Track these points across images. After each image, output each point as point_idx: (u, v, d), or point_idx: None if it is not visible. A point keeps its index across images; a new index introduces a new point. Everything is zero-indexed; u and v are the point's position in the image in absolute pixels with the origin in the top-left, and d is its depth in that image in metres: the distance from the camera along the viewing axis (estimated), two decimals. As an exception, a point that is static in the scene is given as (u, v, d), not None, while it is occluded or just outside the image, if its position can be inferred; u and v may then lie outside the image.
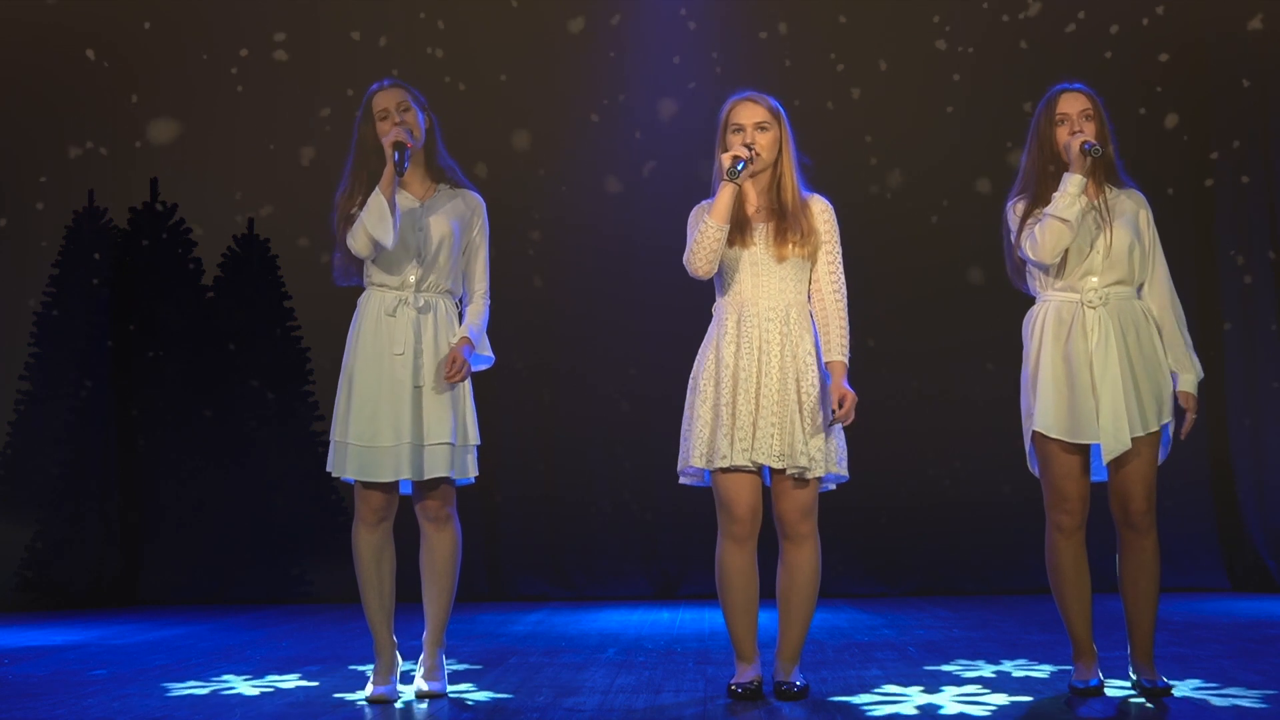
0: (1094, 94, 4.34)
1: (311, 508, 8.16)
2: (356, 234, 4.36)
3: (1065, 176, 4.21)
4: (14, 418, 8.22)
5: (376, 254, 4.42)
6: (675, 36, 8.32)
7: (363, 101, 4.53)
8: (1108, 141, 4.31)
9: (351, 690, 4.66)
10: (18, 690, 4.79)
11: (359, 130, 4.51)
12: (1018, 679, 4.65)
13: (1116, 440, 4.17)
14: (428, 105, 4.57)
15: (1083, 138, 4.22)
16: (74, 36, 8.29)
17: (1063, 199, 4.18)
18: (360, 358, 4.45)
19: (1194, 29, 8.08)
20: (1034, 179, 4.34)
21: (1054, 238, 4.19)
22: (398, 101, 4.46)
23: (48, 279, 8.27)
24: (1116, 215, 4.29)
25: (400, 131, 4.38)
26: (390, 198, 4.34)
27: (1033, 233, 4.23)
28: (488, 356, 4.60)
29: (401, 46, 8.30)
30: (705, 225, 4.27)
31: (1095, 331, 4.22)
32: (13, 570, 8.04)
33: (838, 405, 4.28)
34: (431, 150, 4.57)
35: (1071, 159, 4.22)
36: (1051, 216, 4.18)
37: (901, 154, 8.21)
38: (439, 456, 4.39)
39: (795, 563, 4.36)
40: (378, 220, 4.32)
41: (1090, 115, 4.29)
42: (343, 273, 4.54)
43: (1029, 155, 4.39)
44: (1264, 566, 7.87)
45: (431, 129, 4.56)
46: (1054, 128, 4.31)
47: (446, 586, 4.53)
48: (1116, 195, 4.34)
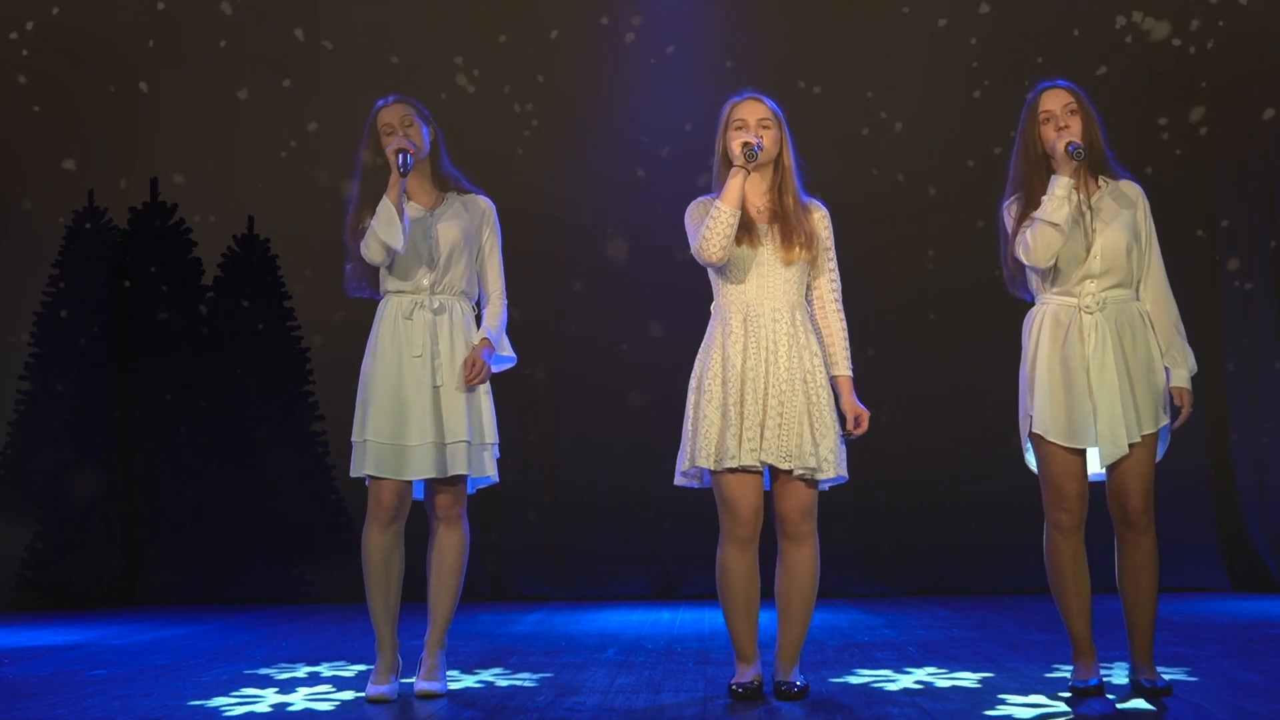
0: (1076, 88, 4.32)
1: (311, 508, 8.16)
2: (369, 242, 4.44)
3: (1053, 179, 4.19)
4: (14, 418, 8.23)
5: (389, 259, 4.49)
6: (680, 34, 8.31)
7: (368, 120, 4.59)
8: (1096, 135, 4.29)
9: (351, 690, 4.66)
10: (18, 690, 4.79)
11: (364, 151, 4.59)
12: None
13: (1114, 445, 4.17)
14: (432, 118, 4.64)
15: (1068, 137, 4.19)
16: (74, 36, 8.29)
17: (1051, 202, 4.17)
18: (380, 360, 4.50)
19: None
20: (1023, 180, 4.33)
21: (1045, 242, 4.18)
22: (401, 116, 4.54)
23: (48, 279, 8.28)
24: (1110, 215, 4.27)
25: (402, 140, 4.46)
26: (397, 202, 4.41)
27: (1024, 238, 4.22)
28: (509, 356, 4.67)
29: (405, 46, 8.30)
30: (717, 210, 4.28)
31: (1092, 337, 4.22)
32: (13, 570, 8.05)
33: (853, 424, 4.34)
34: (436, 160, 4.65)
35: (1057, 161, 4.20)
36: (1041, 221, 4.17)
37: (900, 149, 8.21)
38: (459, 454, 4.45)
39: (796, 562, 4.36)
40: (386, 224, 4.40)
41: (1074, 109, 4.27)
42: (354, 285, 4.62)
43: (1017, 156, 4.37)
44: (1264, 566, 7.87)
45: (436, 140, 4.64)
46: (1038, 126, 4.30)
47: (452, 586, 4.55)
48: (1113, 189, 4.33)
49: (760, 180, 4.44)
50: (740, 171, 4.28)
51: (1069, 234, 4.20)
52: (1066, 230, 4.18)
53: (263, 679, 4.94)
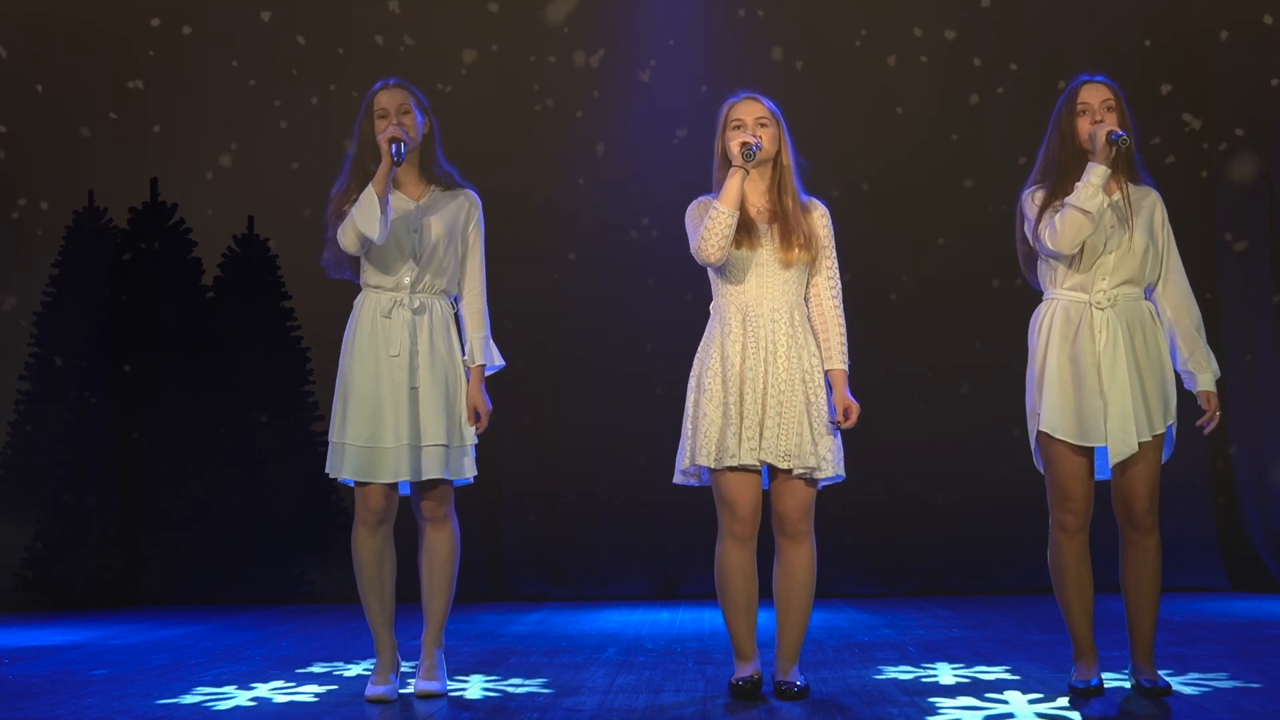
0: (1116, 86, 4.31)
1: (311, 508, 8.16)
2: (345, 229, 4.37)
3: (1089, 166, 4.16)
4: (14, 418, 8.23)
5: (364, 249, 4.42)
6: (679, 33, 8.30)
7: (365, 99, 4.53)
8: (1130, 134, 4.28)
9: (351, 690, 4.66)
10: (18, 690, 4.79)
11: (359, 128, 4.52)
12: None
13: (1124, 444, 4.15)
14: (430, 108, 4.57)
15: (1108, 126, 4.16)
16: (75, 35, 8.29)
17: (1085, 189, 4.13)
18: (357, 360, 4.45)
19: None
20: (1054, 169, 4.30)
21: (1074, 228, 4.14)
22: (399, 104, 4.47)
23: (48, 279, 8.28)
24: (1136, 215, 4.26)
25: (396, 129, 4.38)
26: (382, 194, 4.34)
27: (1052, 222, 4.18)
28: (497, 365, 4.60)
29: (410, 47, 8.29)
30: (716, 211, 4.28)
31: (1104, 333, 4.20)
32: (13, 570, 8.04)
33: (843, 416, 4.33)
34: (430, 153, 4.57)
35: (1096, 148, 4.16)
36: (1073, 207, 4.13)
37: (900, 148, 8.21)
38: (434, 458, 4.40)
39: (794, 561, 4.36)
40: (366, 214, 4.32)
41: (1112, 106, 4.25)
42: (334, 266, 4.56)
43: (1049, 145, 4.33)
44: (1264, 566, 7.87)
45: (431, 133, 4.56)
46: (1075, 118, 4.27)
47: (445, 586, 4.54)
48: (1135, 191, 4.30)
49: (759, 180, 4.43)
50: (738, 171, 4.28)
51: (1098, 224, 4.17)
52: (1097, 219, 4.16)
53: (263, 679, 4.93)
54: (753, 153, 4.26)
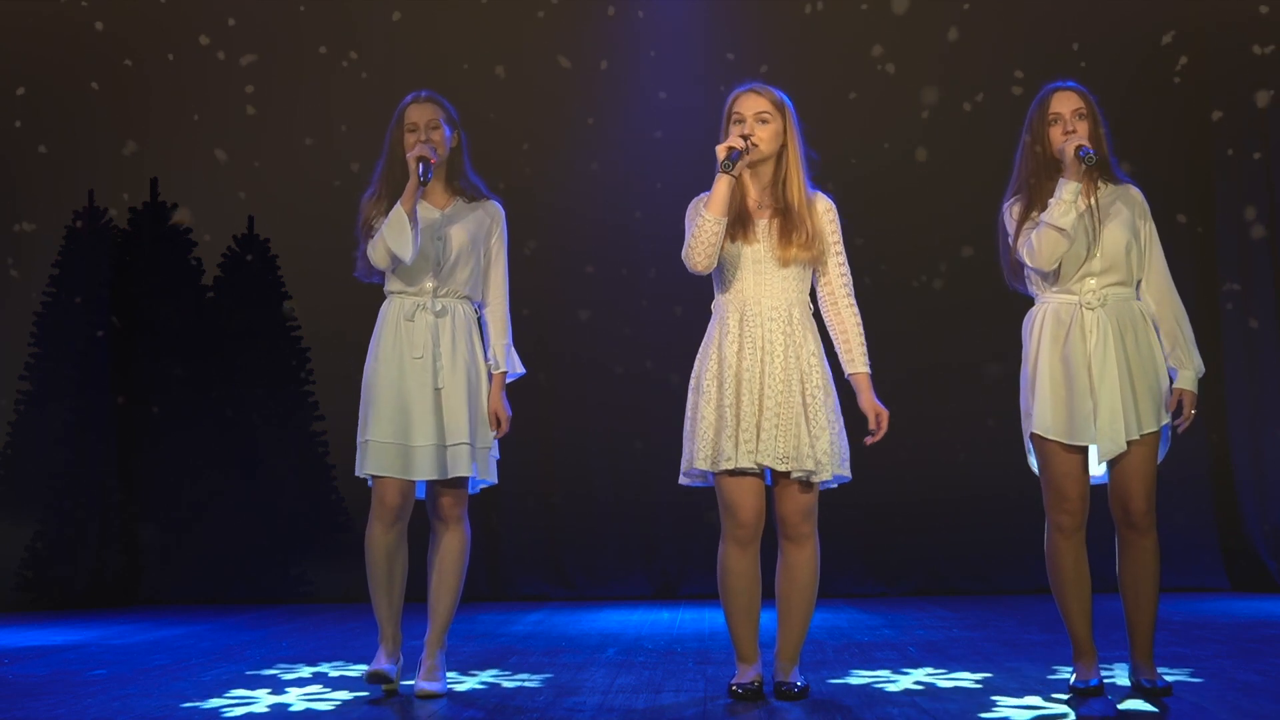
0: (1087, 92, 4.31)
1: (311, 508, 8.16)
2: (376, 245, 4.47)
3: (1060, 183, 4.17)
4: (14, 418, 8.23)
5: (395, 266, 4.50)
6: (682, 26, 8.30)
7: (396, 110, 4.61)
8: (1102, 141, 4.28)
9: (351, 690, 4.66)
10: (18, 690, 4.79)
11: (389, 138, 4.60)
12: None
13: (1113, 442, 4.16)
14: (459, 121, 4.64)
15: (1077, 141, 4.17)
16: (75, 35, 8.29)
17: (1058, 206, 4.15)
18: (382, 362, 4.52)
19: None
20: (1028, 180, 4.32)
21: (1050, 246, 4.17)
22: (428, 119, 4.55)
23: (48, 279, 8.28)
24: (1111, 215, 4.27)
25: (424, 147, 4.47)
26: (411, 211, 4.43)
27: (1029, 240, 4.21)
28: (519, 372, 4.70)
29: (407, 49, 8.30)
30: (702, 219, 4.22)
31: (1094, 333, 4.21)
32: (13, 570, 8.05)
33: (874, 423, 4.31)
34: (457, 166, 4.65)
35: (1066, 165, 4.18)
36: (1048, 225, 4.16)
37: (904, 140, 8.21)
38: (461, 456, 4.46)
39: (796, 562, 4.34)
40: (397, 234, 4.42)
41: (1083, 114, 4.26)
42: (365, 272, 4.63)
43: (1022, 155, 4.35)
44: (1264, 566, 7.86)
45: (459, 146, 4.65)
46: (1047, 127, 4.28)
47: (452, 587, 4.57)
48: (1111, 193, 4.32)
49: (762, 173, 4.36)
50: (725, 177, 4.20)
51: (1074, 238, 4.18)
52: (1072, 235, 4.17)
53: (263, 679, 4.93)
54: (733, 161, 4.19)
